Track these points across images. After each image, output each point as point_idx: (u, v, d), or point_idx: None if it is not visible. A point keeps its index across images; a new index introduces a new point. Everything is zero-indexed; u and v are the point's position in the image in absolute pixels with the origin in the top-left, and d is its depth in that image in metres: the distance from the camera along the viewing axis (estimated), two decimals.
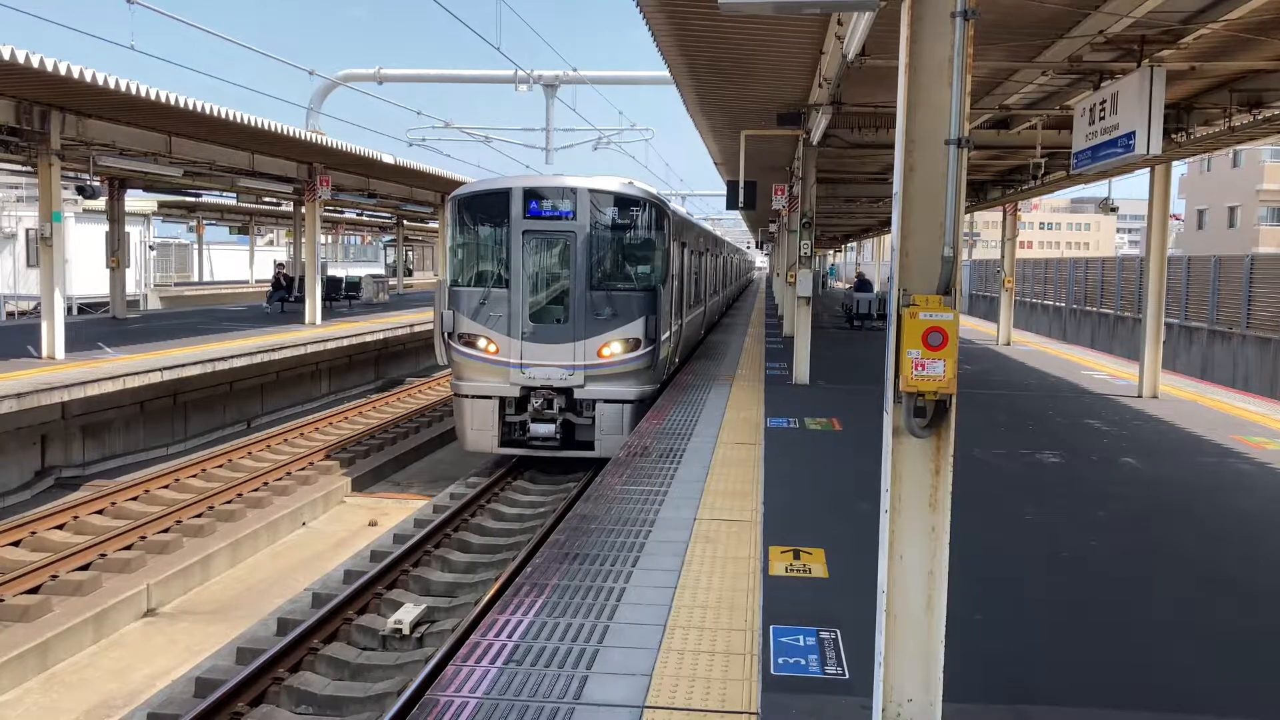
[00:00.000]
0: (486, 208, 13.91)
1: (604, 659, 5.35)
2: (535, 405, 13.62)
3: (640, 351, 13.57)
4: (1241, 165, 55.19)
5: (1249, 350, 25.03)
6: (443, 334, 13.88)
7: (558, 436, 13.65)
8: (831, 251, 66.96)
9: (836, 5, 6.31)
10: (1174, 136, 12.78)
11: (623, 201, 13.89)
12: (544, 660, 5.32)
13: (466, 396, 13.78)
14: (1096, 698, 4.99)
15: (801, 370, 15.90)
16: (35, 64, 12.17)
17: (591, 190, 13.65)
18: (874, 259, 53.91)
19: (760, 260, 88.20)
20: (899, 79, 4.11)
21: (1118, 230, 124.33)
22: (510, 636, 5.63)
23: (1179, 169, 46.14)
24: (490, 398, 13.67)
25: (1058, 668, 5.33)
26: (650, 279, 13.90)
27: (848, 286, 41.02)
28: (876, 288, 30.42)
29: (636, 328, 13.55)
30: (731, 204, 17.17)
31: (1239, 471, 10.32)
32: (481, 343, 13.62)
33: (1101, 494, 9.25)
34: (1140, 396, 15.17)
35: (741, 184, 16.32)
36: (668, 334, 14.53)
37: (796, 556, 7.05)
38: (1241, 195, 55.55)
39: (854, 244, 63.90)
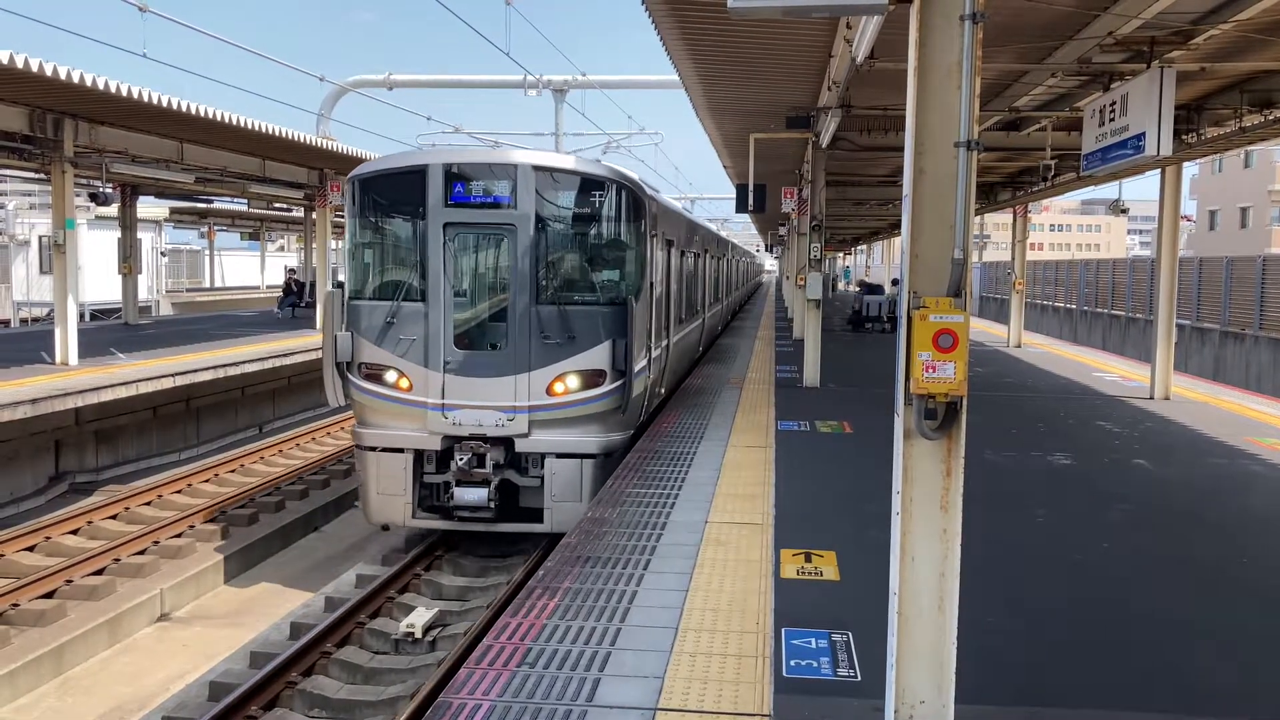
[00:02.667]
0: (395, 191, 10.54)
1: (616, 661, 5.36)
2: (461, 462, 10.12)
3: (605, 387, 10.28)
4: (1253, 165, 54.97)
5: (1262, 351, 24.92)
6: (335, 365, 10.38)
7: (492, 504, 10.18)
8: (841, 254, 66.92)
9: (845, 8, 6.32)
10: (1184, 137, 12.75)
11: (582, 183, 10.52)
12: (556, 663, 5.34)
13: (370, 449, 10.37)
14: (1109, 699, 4.99)
15: (812, 373, 15.89)
16: (49, 72, 12.26)
17: (538, 167, 10.30)
18: (884, 262, 53.86)
19: (770, 263, 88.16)
20: (908, 82, 4.12)
21: (1129, 232, 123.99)
22: (523, 639, 5.64)
23: (1190, 170, 46.07)
24: (401, 451, 10.27)
25: (1070, 669, 5.32)
26: (620, 288, 10.61)
27: (857, 289, 40.97)
28: (887, 290, 30.35)
29: (600, 355, 10.25)
30: (741, 207, 17.17)
31: (1252, 473, 10.28)
32: (390, 376, 10.27)
33: (1113, 496, 9.22)
34: (1152, 398, 15.12)
35: (751, 187, 16.32)
36: (645, 361, 11.23)
37: (808, 559, 7.05)
38: (1253, 196, 55.31)
39: (864, 246, 63.84)
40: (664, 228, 12.58)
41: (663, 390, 13.52)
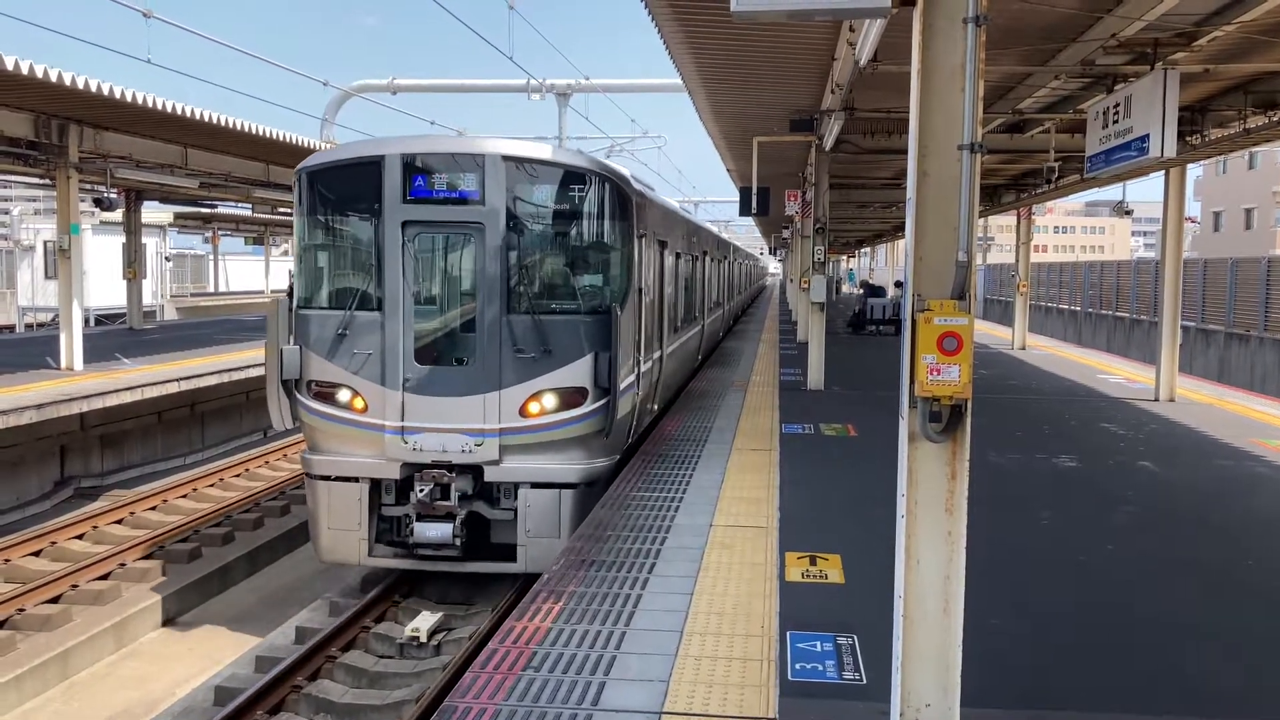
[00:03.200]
0: (349, 185, 9.35)
1: (621, 665, 5.36)
2: (422, 493, 9.02)
3: (587, 407, 9.13)
4: (1258, 167, 54.90)
5: (1267, 353, 24.87)
6: (280, 382, 9.31)
7: (458, 541, 9.05)
8: (845, 257, 66.93)
9: (848, 11, 6.31)
10: (1188, 139, 12.75)
11: (560, 176, 9.36)
12: (561, 667, 5.34)
13: (321, 478, 9.33)
14: (1114, 702, 4.98)
15: (816, 376, 15.89)
16: (53, 78, 12.31)
17: (508, 158, 9.11)
18: (887, 264, 53.89)
19: (774, 266, 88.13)
20: (911, 84, 4.12)
21: (1133, 233, 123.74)
22: (528, 643, 5.65)
23: (1194, 171, 45.97)
24: (355, 480, 9.22)
25: (1075, 672, 5.32)
26: (604, 294, 9.49)
27: (860, 292, 41.04)
28: (890, 292, 30.34)
29: (581, 370, 9.09)
30: (744, 210, 17.19)
31: (1257, 475, 10.26)
32: (342, 395, 9.15)
33: (1118, 498, 9.21)
34: (1156, 400, 15.10)
35: (754, 190, 16.34)
36: (633, 377, 10.04)
37: (813, 562, 7.05)
38: (1257, 197, 55.23)
39: (867, 249, 63.87)
40: (656, 227, 11.50)
41: (655, 406, 12.35)
